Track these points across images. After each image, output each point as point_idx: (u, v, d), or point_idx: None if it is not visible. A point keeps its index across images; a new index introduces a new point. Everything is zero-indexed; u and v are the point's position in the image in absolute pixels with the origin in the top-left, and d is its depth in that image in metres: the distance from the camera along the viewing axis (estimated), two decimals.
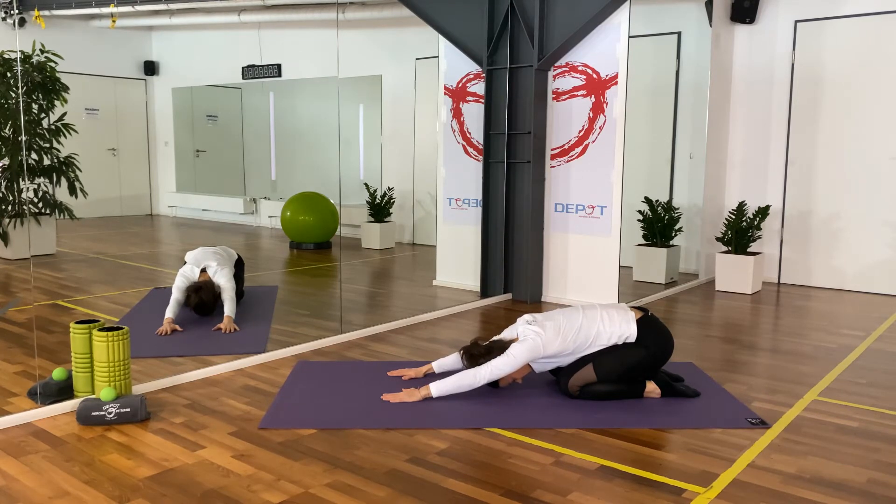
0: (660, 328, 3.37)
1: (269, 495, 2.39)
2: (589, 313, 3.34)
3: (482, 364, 3.23)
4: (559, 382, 3.35)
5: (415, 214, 8.81)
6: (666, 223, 6.32)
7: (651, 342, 3.30)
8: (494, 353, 3.26)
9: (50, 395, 3.13)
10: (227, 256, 5.09)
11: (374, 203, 8.44)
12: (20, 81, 6.97)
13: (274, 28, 9.79)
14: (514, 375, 3.34)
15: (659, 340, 3.33)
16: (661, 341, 3.33)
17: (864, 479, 2.56)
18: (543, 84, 5.38)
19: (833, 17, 6.12)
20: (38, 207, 7.31)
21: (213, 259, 4.88)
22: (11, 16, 7.37)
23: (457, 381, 3.22)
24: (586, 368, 3.27)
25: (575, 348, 3.28)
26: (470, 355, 3.29)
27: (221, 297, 4.68)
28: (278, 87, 10.61)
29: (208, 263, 4.82)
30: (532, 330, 3.25)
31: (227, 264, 4.91)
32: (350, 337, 4.42)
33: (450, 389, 3.23)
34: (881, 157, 5.99)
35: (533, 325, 3.28)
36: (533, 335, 3.23)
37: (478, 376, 3.20)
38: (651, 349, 3.29)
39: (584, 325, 3.29)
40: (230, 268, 4.88)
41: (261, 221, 10.53)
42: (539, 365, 3.37)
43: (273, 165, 11.25)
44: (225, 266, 4.84)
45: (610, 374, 3.27)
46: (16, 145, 6.86)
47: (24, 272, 6.40)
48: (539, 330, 3.25)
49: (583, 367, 3.28)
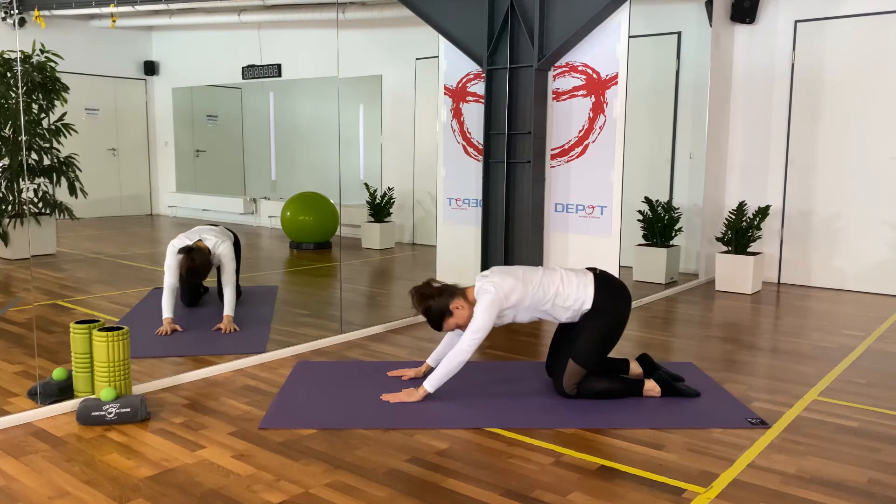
0: (614, 286, 3.35)
1: (269, 495, 2.39)
2: (549, 272, 3.35)
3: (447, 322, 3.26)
4: (555, 385, 3.35)
5: (415, 214, 8.81)
6: (666, 223, 6.32)
7: (607, 304, 3.28)
8: (445, 295, 3.26)
9: (50, 395, 3.13)
10: (227, 235, 4.84)
11: (374, 203, 8.44)
12: (20, 81, 6.97)
13: (274, 28, 9.79)
14: (458, 323, 3.30)
15: (616, 301, 3.31)
16: (617, 301, 3.31)
17: (864, 479, 2.56)
18: (543, 84, 5.38)
19: (833, 17, 6.12)
20: (38, 207, 7.31)
21: (210, 233, 4.66)
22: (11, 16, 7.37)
23: (445, 368, 3.21)
24: (569, 364, 3.27)
25: (532, 303, 3.26)
26: (421, 295, 3.28)
27: (220, 276, 4.56)
28: (278, 87, 10.61)
29: (205, 236, 4.60)
30: (489, 282, 3.24)
31: (227, 240, 4.70)
32: (350, 337, 4.42)
33: (442, 378, 3.22)
34: (881, 157, 5.99)
35: (490, 278, 3.27)
36: (491, 288, 3.21)
37: (461, 353, 3.19)
38: (610, 314, 3.28)
39: (545, 282, 3.28)
40: (230, 244, 4.69)
41: (261, 221, 10.53)
42: (498, 319, 3.34)
43: (273, 165, 11.26)
44: (225, 241, 4.65)
45: (590, 356, 3.26)
46: (16, 145, 6.86)
47: (24, 272, 6.40)
48: (496, 281, 3.24)
49: (566, 365, 3.28)
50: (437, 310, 3.27)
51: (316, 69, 9.37)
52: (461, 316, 3.28)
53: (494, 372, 3.74)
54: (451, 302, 3.27)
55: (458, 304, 3.27)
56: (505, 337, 4.45)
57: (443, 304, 3.26)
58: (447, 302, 3.26)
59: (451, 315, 3.27)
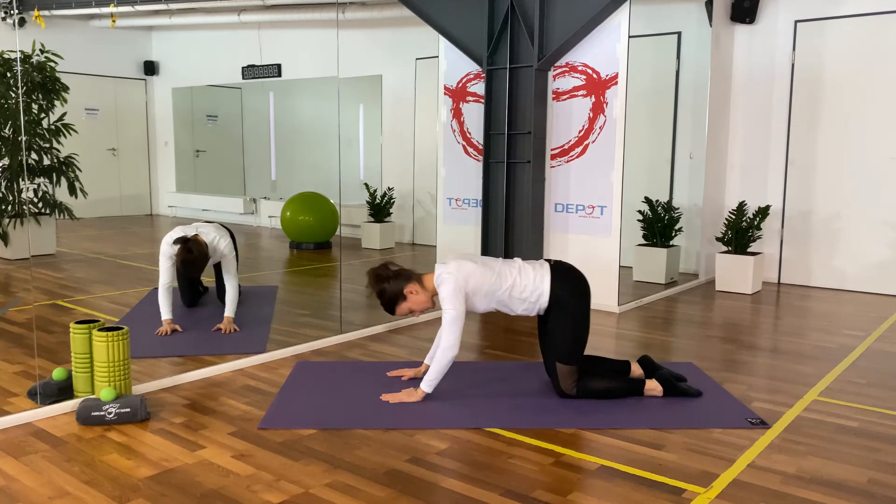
0: (570, 277, 3.32)
1: (269, 495, 2.39)
2: (508, 263, 3.34)
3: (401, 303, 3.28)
4: (555, 387, 3.35)
5: (415, 214, 8.81)
6: (666, 223, 6.32)
7: (566, 296, 3.26)
8: (401, 278, 3.27)
9: (50, 395, 3.13)
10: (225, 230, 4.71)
11: (374, 203, 8.44)
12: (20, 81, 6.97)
13: (274, 28, 9.79)
14: (412, 307, 3.31)
15: (573, 291, 3.28)
16: (575, 291, 3.29)
17: (864, 479, 2.56)
18: (543, 84, 5.39)
19: (833, 17, 6.12)
20: (38, 207, 7.31)
21: (208, 227, 4.56)
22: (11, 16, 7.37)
23: (437, 367, 3.21)
24: (557, 367, 3.28)
25: (489, 290, 3.24)
26: (377, 276, 3.29)
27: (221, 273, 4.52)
28: (278, 87, 10.61)
29: (203, 230, 4.50)
30: (446, 270, 3.23)
31: (226, 235, 4.60)
32: (350, 337, 4.42)
33: (436, 377, 3.22)
34: (881, 157, 5.99)
35: (448, 265, 3.26)
36: (450, 276, 3.20)
37: (448, 350, 3.17)
38: (572, 306, 3.26)
39: (503, 271, 3.27)
40: (230, 240, 4.61)
41: (261, 221, 10.53)
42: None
43: (273, 165, 11.26)
44: (224, 236, 4.57)
45: (570, 352, 3.25)
46: (16, 145, 6.86)
47: (24, 272, 6.40)
48: (454, 267, 3.23)
49: (556, 368, 3.28)
50: (391, 293, 3.27)
51: (316, 69, 9.37)
52: (415, 301, 3.29)
53: (494, 372, 3.74)
54: (407, 286, 3.27)
55: (413, 289, 3.27)
56: (504, 337, 4.45)
57: (397, 288, 3.27)
58: (402, 286, 3.27)
59: (404, 299, 3.28)
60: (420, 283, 3.30)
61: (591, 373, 3.37)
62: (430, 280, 3.30)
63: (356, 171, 10.07)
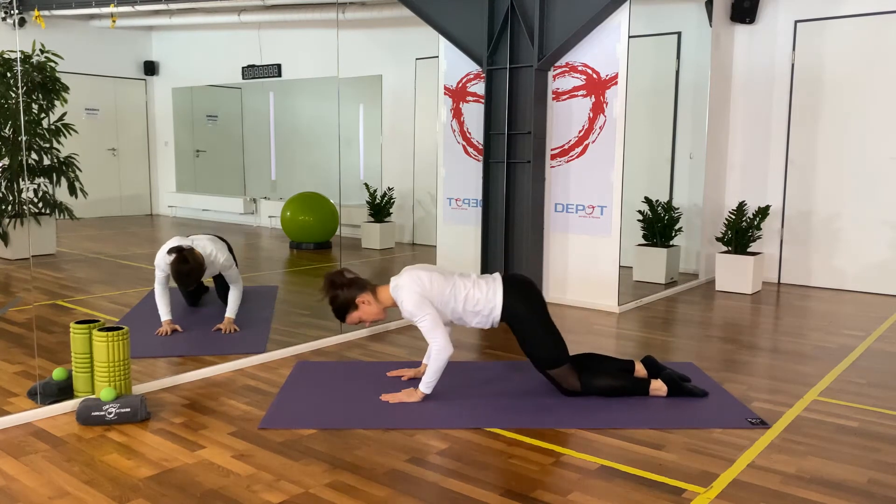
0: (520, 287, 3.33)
1: (269, 495, 2.39)
2: (462, 276, 3.35)
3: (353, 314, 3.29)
4: (559, 390, 3.35)
5: (415, 214, 8.81)
6: (666, 223, 6.32)
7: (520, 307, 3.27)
8: (355, 287, 3.27)
9: (50, 395, 3.13)
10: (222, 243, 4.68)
11: (374, 203, 8.44)
12: (20, 81, 6.97)
13: (274, 28, 9.79)
14: (362, 317, 3.31)
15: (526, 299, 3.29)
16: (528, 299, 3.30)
17: (864, 479, 2.56)
18: (543, 84, 5.38)
19: (833, 17, 6.12)
20: (38, 207, 7.31)
21: (205, 240, 4.49)
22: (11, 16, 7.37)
23: (433, 368, 3.20)
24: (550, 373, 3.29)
25: (443, 300, 3.25)
26: (331, 282, 3.29)
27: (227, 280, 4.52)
28: (278, 87, 10.61)
29: (201, 243, 4.43)
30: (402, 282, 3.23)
31: (224, 249, 4.57)
32: (350, 337, 4.42)
33: (433, 378, 3.22)
34: (881, 157, 5.99)
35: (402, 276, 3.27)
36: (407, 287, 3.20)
37: (440, 353, 3.16)
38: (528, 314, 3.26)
39: (458, 284, 3.28)
40: (228, 253, 4.58)
41: (261, 221, 10.53)
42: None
43: (273, 165, 11.26)
44: (223, 249, 4.54)
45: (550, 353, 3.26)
46: (16, 145, 6.86)
47: (24, 272, 6.40)
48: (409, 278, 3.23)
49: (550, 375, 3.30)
50: (343, 300, 3.28)
51: (316, 69, 9.36)
52: (366, 311, 3.29)
53: (494, 372, 3.74)
54: (359, 295, 3.28)
55: (366, 299, 3.28)
56: (504, 337, 4.45)
57: (350, 296, 3.27)
58: (355, 294, 3.27)
59: (356, 308, 3.29)
60: (374, 293, 3.31)
61: (597, 371, 3.37)
62: (385, 292, 3.31)
63: (356, 171, 10.07)
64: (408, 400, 3.24)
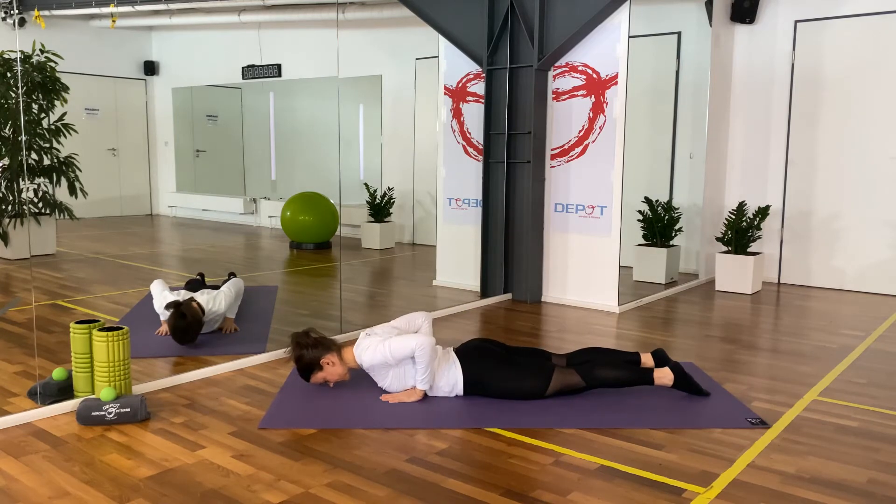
0: (472, 356, 3.36)
1: (269, 495, 2.39)
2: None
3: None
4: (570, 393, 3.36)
5: (415, 214, 8.81)
6: (666, 223, 6.32)
7: (479, 372, 3.30)
8: (320, 348, 3.29)
9: (50, 395, 3.13)
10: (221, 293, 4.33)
11: (374, 203, 8.44)
12: (20, 81, 6.97)
13: (274, 28, 9.79)
14: (326, 377, 3.33)
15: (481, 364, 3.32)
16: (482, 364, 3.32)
17: (864, 479, 2.56)
18: (543, 84, 5.39)
19: (833, 17, 6.12)
20: (38, 207, 7.31)
21: (204, 295, 4.26)
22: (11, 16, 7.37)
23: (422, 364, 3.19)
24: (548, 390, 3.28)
25: (408, 374, 3.27)
26: (297, 343, 3.32)
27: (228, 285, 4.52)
28: (278, 87, 10.61)
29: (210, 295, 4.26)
30: (367, 343, 3.26)
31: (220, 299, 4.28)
32: (350, 337, 4.41)
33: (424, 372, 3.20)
34: (881, 157, 5.99)
35: (371, 339, 3.29)
36: (370, 348, 3.23)
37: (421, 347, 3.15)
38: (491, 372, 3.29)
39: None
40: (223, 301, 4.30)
41: (261, 221, 10.53)
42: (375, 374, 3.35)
43: (273, 165, 11.26)
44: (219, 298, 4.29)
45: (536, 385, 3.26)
46: (16, 145, 6.86)
47: (24, 272, 6.40)
48: (376, 339, 3.26)
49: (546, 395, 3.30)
50: (308, 360, 3.30)
51: (316, 69, 9.36)
52: (330, 372, 3.32)
53: None
54: (324, 357, 3.30)
55: (331, 360, 3.31)
56: (504, 337, 4.45)
57: (315, 356, 3.30)
58: (320, 355, 3.30)
59: (320, 369, 3.32)
60: (339, 354, 3.33)
61: (601, 363, 3.37)
62: (349, 353, 3.32)
63: (356, 171, 10.07)
64: (408, 400, 3.24)
